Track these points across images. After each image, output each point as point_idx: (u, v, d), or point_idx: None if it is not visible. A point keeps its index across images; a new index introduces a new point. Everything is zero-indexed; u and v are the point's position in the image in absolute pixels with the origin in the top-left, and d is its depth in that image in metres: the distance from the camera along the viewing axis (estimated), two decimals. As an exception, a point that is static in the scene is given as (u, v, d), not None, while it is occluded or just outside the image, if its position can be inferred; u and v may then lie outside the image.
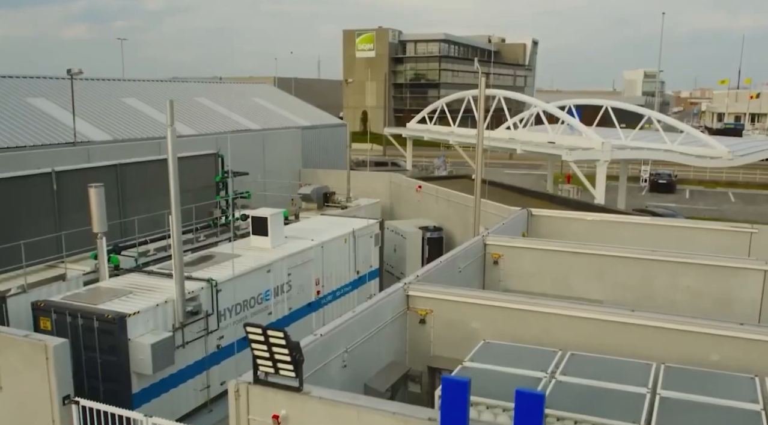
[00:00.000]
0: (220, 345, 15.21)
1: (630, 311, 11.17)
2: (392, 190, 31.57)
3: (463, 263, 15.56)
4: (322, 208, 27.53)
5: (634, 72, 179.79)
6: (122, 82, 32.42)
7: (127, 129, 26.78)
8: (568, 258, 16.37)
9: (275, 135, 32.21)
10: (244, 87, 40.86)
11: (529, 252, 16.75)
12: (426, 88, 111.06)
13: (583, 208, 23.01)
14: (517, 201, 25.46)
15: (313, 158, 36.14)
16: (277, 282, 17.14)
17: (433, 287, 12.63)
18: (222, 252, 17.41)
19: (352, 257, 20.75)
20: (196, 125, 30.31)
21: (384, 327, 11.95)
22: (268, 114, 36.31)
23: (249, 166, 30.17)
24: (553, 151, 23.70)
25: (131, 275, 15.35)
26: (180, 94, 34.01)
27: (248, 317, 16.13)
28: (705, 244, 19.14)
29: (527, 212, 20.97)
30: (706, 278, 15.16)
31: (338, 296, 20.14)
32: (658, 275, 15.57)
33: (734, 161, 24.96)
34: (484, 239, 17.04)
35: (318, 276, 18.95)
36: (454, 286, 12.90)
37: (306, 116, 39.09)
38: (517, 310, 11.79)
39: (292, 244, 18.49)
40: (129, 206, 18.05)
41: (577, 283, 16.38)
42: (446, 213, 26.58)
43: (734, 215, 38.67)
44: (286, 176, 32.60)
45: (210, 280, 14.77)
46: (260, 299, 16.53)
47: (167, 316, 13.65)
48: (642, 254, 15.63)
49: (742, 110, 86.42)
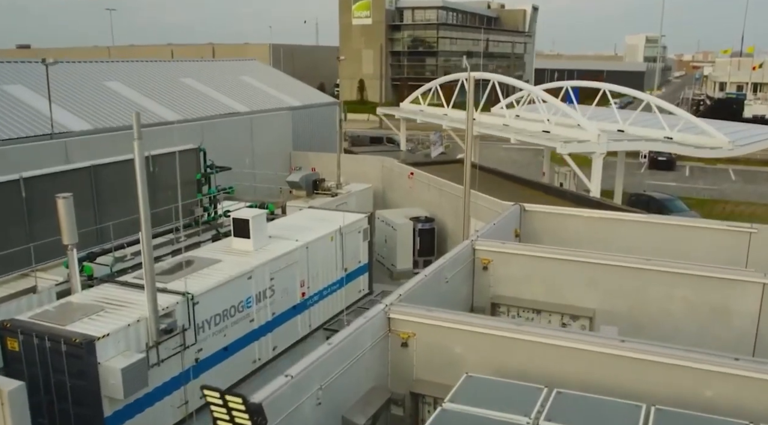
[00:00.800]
0: (199, 359, 14.71)
1: (620, 341, 10.60)
2: (384, 174, 30.86)
3: (450, 273, 14.95)
4: (312, 195, 26.89)
5: (635, 37, 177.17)
6: (105, 63, 31.37)
7: (109, 117, 25.89)
8: (560, 265, 15.75)
9: (264, 118, 31.32)
10: (232, 64, 39.72)
11: (520, 258, 16.12)
12: (424, 56, 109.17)
13: (579, 201, 22.33)
14: (511, 192, 24.77)
15: (304, 140, 35.30)
16: (259, 288, 16.57)
17: (415, 310, 12.03)
18: (202, 257, 16.79)
19: (340, 255, 20.15)
20: (182, 109, 29.39)
21: (363, 355, 11.42)
22: (256, 94, 35.31)
23: (237, 150, 29.45)
24: (548, 142, 22.89)
25: (104, 287, 14.74)
26: (165, 76, 32.98)
27: (229, 326, 15.62)
28: (703, 243, 18.57)
29: (520, 208, 20.27)
30: (703, 290, 14.57)
31: (325, 295, 19.61)
32: (652, 284, 14.98)
33: (734, 151, 24.17)
34: (473, 244, 16.40)
35: (303, 278, 18.39)
36: (439, 308, 12.30)
37: (296, 94, 38.06)
38: (502, 337, 11.24)
39: (275, 246, 17.87)
40: (106, 209, 17.37)
41: (569, 290, 15.80)
42: (438, 202, 25.91)
43: (734, 195, 38.01)
44: (275, 159, 31.85)
45: (186, 294, 14.18)
46: (241, 308, 15.98)
47: (140, 335, 13.09)
48: (636, 264, 15.00)
49: (745, 79, 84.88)
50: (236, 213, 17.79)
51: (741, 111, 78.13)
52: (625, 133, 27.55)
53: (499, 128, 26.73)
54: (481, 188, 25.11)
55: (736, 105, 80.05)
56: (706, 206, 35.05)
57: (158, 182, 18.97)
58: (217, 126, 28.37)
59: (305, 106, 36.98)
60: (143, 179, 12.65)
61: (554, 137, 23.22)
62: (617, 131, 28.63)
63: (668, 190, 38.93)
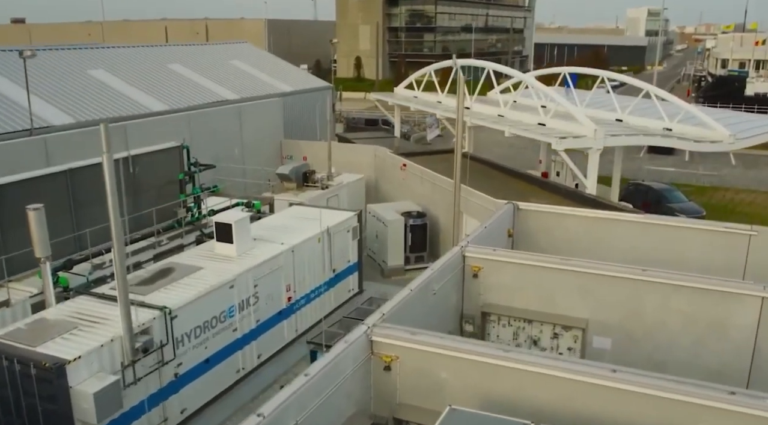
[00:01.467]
0: (178, 373, 14.27)
1: (611, 371, 10.12)
2: (377, 164, 30.17)
3: (438, 284, 14.42)
4: (302, 188, 26.26)
5: (637, 10, 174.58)
6: (88, 50, 30.45)
7: (92, 109, 25.13)
8: (552, 274, 15.22)
9: (254, 107, 30.54)
10: (221, 49, 38.73)
11: (511, 266, 15.57)
12: (422, 31, 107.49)
13: (574, 198, 21.74)
14: (505, 187, 24.17)
15: (296, 126, 34.54)
16: (242, 296, 16.07)
17: (398, 332, 11.50)
18: (183, 264, 16.25)
19: (327, 256, 19.64)
20: (168, 98, 28.60)
21: (344, 381, 10.95)
22: (246, 80, 34.44)
23: (226, 141, 28.73)
24: (542, 138, 22.20)
25: (79, 301, 14.22)
26: (152, 62, 32.09)
27: (210, 338, 15.16)
28: (701, 245, 18.07)
29: (513, 207, 19.69)
30: (700, 302, 14.07)
31: (312, 298, 19.15)
32: (647, 295, 14.48)
33: (735, 144, 23.50)
34: (462, 251, 15.85)
35: (289, 282, 17.89)
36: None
37: (288, 79, 37.19)
38: (489, 364, 10.75)
39: (259, 250, 17.33)
40: (84, 213, 16.76)
41: (561, 299, 15.30)
42: (431, 196, 25.29)
43: (734, 181, 37.37)
44: (266, 149, 31.15)
45: (164, 309, 13.67)
46: (223, 318, 15.50)
47: (114, 354, 12.62)
48: (631, 274, 14.47)
49: (747, 56, 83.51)
50: (219, 217, 17.22)
51: (743, 89, 77.02)
52: (623, 123, 26.81)
53: (494, 119, 26.00)
54: (475, 183, 24.45)
55: (738, 82, 78.88)
56: (706, 194, 34.45)
57: (139, 183, 18.35)
58: (204, 116, 27.64)
59: (297, 91, 36.14)
60: (113, 192, 12.07)
61: (549, 132, 22.52)
62: (615, 120, 27.89)
63: (667, 176, 38.32)
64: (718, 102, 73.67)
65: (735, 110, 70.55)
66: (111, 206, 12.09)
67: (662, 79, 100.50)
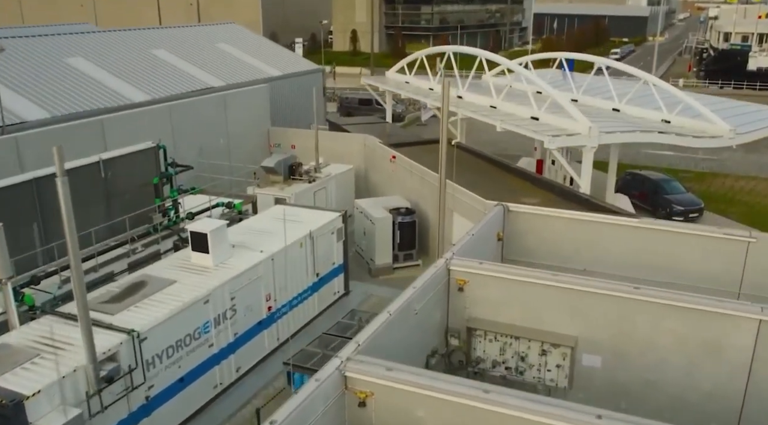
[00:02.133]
0: (150, 396, 13.71)
1: (596, 417, 9.54)
2: (367, 153, 29.36)
3: (420, 303, 13.79)
4: (288, 181, 25.46)
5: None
6: (67, 36, 29.31)
7: (69, 102, 24.18)
8: (541, 290, 14.56)
9: (239, 95, 29.56)
10: (208, 30, 37.50)
11: (498, 280, 14.92)
12: (419, 3, 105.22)
13: (567, 197, 21.01)
14: (497, 184, 23.41)
15: (285, 113, 33.60)
16: (218, 311, 15.45)
17: (373, 368, 10.88)
18: (156, 276, 15.58)
19: (311, 261, 18.98)
20: (151, 87, 27.63)
21: (315, 422, 10.38)
22: (233, 64, 33.37)
23: (210, 130, 27.87)
24: (535, 135, 21.34)
25: (44, 322, 13.57)
26: (134, 48, 31.00)
27: (184, 356, 14.56)
28: (697, 252, 17.40)
29: (503, 208, 18.97)
30: (693, 323, 13.44)
31: (295, 305, 18.54)
32: (639, 314, 13.83)
33: (735, 139, 22.67)
34: (447, 264, 15.18)
35: (269, 291, 17.26)
36: (400, 366, 11.17)
37: (277, 62, 36.08)
38: (466, 406, 10.17)
39: (237, 259, 16.64)
40: (52, 225, 16.01)
41: (549, 316, 14.68)
42: (420, 190, 24.54)
43: (734, 167, 36.52)
44: (252, 137, 30.31)
45: (131, 332, 13.04)
46: (198, 334, 14.89)
47: (78, 385, 12.02)
48: (622, 292, 13.80)
49: (750, 29, 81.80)
50: (194, 226, 16.49)
51: (745, 63, 75.67)
52: (620, 114, 25.93)
53: (485, 111, 25.09)
54: (466, 178, 23.65)
55: (740, 57, 77.43)
56: (705, 181, 33.67)
57: (112, 188, 17.58)
58: (188, 106, 26.72)
59: (286, 75, 35.09)
60: (71, 221, 11.26)
61: (542, 127, 21.64)
62: (612, 110, 27.01)
63: (666, 160, 37.49)
64: (719, 78, 72.55)
65: (737, 88, 69.51)
66: (68, 233, 11.33)
67: (663, 52, 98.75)
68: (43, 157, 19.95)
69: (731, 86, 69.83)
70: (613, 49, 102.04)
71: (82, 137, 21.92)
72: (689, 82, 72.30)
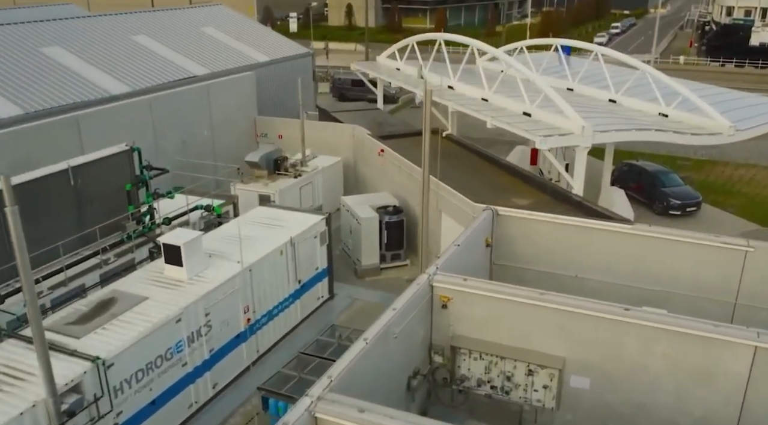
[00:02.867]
0: (118, 423, 13.14)
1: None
2: (356, 144, 28.49)
3: (400, 326, 13.14)
4: (273, 176, 24.66)
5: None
6: (43, 23, 28.17)
7: (44, 95, 23.19)
8: (527, 309, 13.93)
9: (224, 84, 28.58)
10: (193, 13, 36.19)
11: (483, 299, 14.27)
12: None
13: (559, 198, 20.24)
14: (487, 181, 22.62)
15: (273, 100, 32.60)
16: (192, 329, 14.82)
17: (345, 409, 10.28)
18: (127, 292, 14.91)
19: (292, 268, 18.31)
20: (131, 77, 26.61)
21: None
22: (219, 50, 32.25)
23: (193, 122, 26.96)
24: (526, 134, 20.43)
25: (6, 347, 12.94)
26: (114, 34, 29.86)
27: (155, 378, 13.97)
28: (692, 261, 16.77)
29: (492, 213, 18.25)
30: (686, 348, 12.81)
31: (276, 314, 17.92)
32: (629, 337, 13.21)
33: (735, 136, 21.82)
34: (430, 280, 14.50)
35: (247, 303, 16.62)
36: (374, 406, 10.55)
37: (265, 47, 34.94)
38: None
39: (213, 272, 15.96)
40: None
41: (536, 336, 14.06)
42: (408, 186, 23.75)
43: (734, 154, 35.59)
44: (238, 127, 29.42)
45: (96, 360, 12.41)
46: (170, 355, 14.28)
47: (38, 419, 11.42)
48: (612, 314, 13.17)
49: (754, 3, 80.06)
50: (167, 237, 15.77)
51: (747, 39, 74.18)
52: (616, 105, 25.04)
53: (477, 104, 24.16)
54: (456, 175, 22.92)
55: (742, 32, 75.90)
56: (704, 170, 32.84)
57: (82, 196, 16.79)
58: (169, 98, 25.79)
59: (274, 60, 34.00)
60: (23, 253, 10.52)
61: (534, 126, 20.76)
62: (608, 101, 26.11)
63: (664, 147, 36.45)
64: (721, 55, 71.09)
65: (738, 65, 68.12)
66: (20, 264, 10.60)
67: (665, 25, 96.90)
68: (16, 159, 19.24)
69: (733, 64, 68.43)
70: (613, 22, 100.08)
71: (56, 135, 21.09)
72: (690, 60, 70.88)
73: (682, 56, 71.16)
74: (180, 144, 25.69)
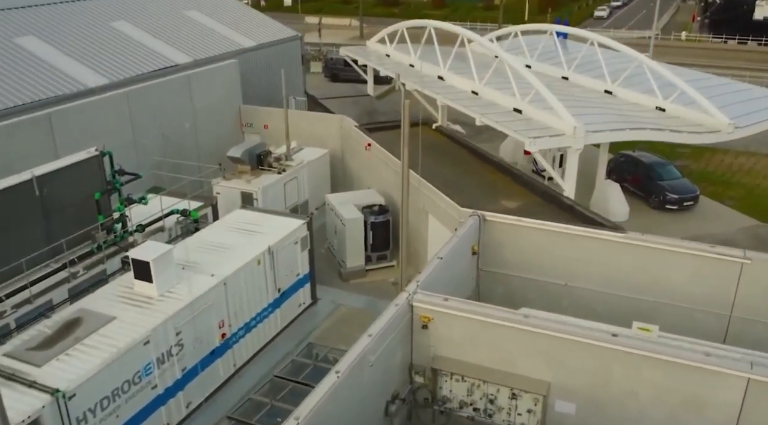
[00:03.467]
0: (83, 454, 12.59)
1: None
2: (343, 135, 27.62)
3: (375, 353, 12.52)
4: (256, 172, 23.86)
5: None
6: (18, 10, 27.04)
7: (16, 90, 22.26)
8: (510, 332, 13.30)
9: (205, 74, 27.57)
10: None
11: (464, 320, 13.63)
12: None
13: (549, 200, 19.48)
14: (476, 181, 21.83)
15: (259, 88, 31.57)
16: (162, 350, 14.19)
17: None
18: (93, 312, 14.24)
19: (271, 277, 17.64)
20: (108, 67, 25.60)
21: None
22: (202, 36, 31.13)
23: (174, 114, 26.04)
24: (515, 134, 19.51)
25: (-39, 377, 12.33)
26: (92, 21, 28.75)
27: (123, 404, 13.38)
28: (686, 272, 16.16)
29: (479, 218, 17.54)
30: (675, 377, 12.22)
31: (254, 326, 17.29)
32: (617, 364, 12.61)
33: (734, 134, 20.97)
34: (410, 300, 13.84)
35: (222, 318, 15.98)
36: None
37: (251, 31, 33.76)
38: None
39: (185, 287, 15.26)
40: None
41: (520, 359, 13.46)
42: (395, 182, 22.87)
43: (734, 142, 34.52)
44: (222, 118, 28.47)
45: (56, 393, 11.80)
46: (138, 379, 13.68)
47: (-9, 460, 10.84)
48: (598, 340, 12.53)
49: (758, -23, 78.08)
50: (136, 252, 15.04)
51: (751, 13, 72.64)
52: (611, 96, 24.11)
53: (466, 98, 23.18)
54: (443, 173, 22.13)
55: (746, 5, 74.30)
56: (703, 158, 31.96)
57: (49, 206, 16.02)
58: (148, 91, 24.82)
59: (261, 45, 32.89)
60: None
61: (524, 125, 19.86)
62: (604, 92, 25.16)
63: (663, 134, 35.59)
64: (723, 30, 69.52)
65: (741, 42, 66.63)
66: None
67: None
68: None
69: (735, 40, 66.94)
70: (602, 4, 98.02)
71: (27, 135, 20.23)
72: (692, 37, 69.35)
73: (683, 32, 69.61)
74: (160, 138, 24.82)
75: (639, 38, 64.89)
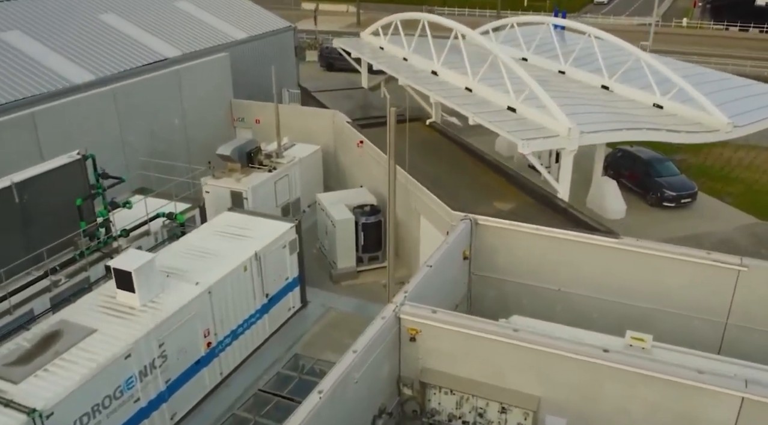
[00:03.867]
0: (62, 473, 12.31)
1: None
2: (336, 131, 27.16)
3: (360, 370, 12.20)
4: (246, 170, 23.43)
5: None
6: (2, 3, 26.43)
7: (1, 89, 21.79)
8: (500, 347, 12.98)
9: (197, 67, 27.04)
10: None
11: (453, 333, 13.31)
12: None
13: (543, 202, 19.08)
14: (468, 181, 21.42)
15: (251, 81, 31.00)
16: (144, 362, 13.87)
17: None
18: (74, 324, 13.91)
19: (258, 283, 17.29)
20: (95, 62, 25.08)
21: None
22: (192, 28, 30.53)
23: (163, 110, 25.55)
24: (508, 135, 19.02)
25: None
26: (80, 13, 28.16)
27: (104, 420, 13.09)
28: (682, 278, 15.82)
29: (471, 222, 17.16)
30: (668, 394, 11.91)
31: (241, 333, 16.97)
32: (608, 380, 12.30)
33: (732, 133, 20.50)
34: (397, 312, 13.49)
35: (207, 327, 15.65)
36: None
37: (243, 22, 33.16)
38: None
39: (168, 296, 14.90)
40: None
41: (511, 373, 13.15)
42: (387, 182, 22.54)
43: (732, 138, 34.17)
44: (213, 113, 27.99)
45: (32, 413, 11.49)
46: (119, 393, 13.38)
47: (-36, 485, 10.60)
48: (589, 356, 12.21)
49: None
50: (117, 261, 14.67)
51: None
52: (608, 92, 23.61)
53: (459, 95, 22.68)
54: (436, 172, 21.72)
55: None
56: (702, 153, 31.47)
57: (30, 212, 15.64)
58: (135, 87, 24.31)
59: (253, 37, 32.31)
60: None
61: (518, 126, 19.39)
62: (601, 87, 24.67)
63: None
64: (725, 17, 68.64)
65: (743, 29, 65.79)
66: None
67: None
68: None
69: (737, 27, 66.10)
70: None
71: (10, 135, 19.78)
72: (693, 24, 68.47)
73: (684, 19, 68.73)
74: (149, 136, 24.37)
75: (639, 25, 64.09)
